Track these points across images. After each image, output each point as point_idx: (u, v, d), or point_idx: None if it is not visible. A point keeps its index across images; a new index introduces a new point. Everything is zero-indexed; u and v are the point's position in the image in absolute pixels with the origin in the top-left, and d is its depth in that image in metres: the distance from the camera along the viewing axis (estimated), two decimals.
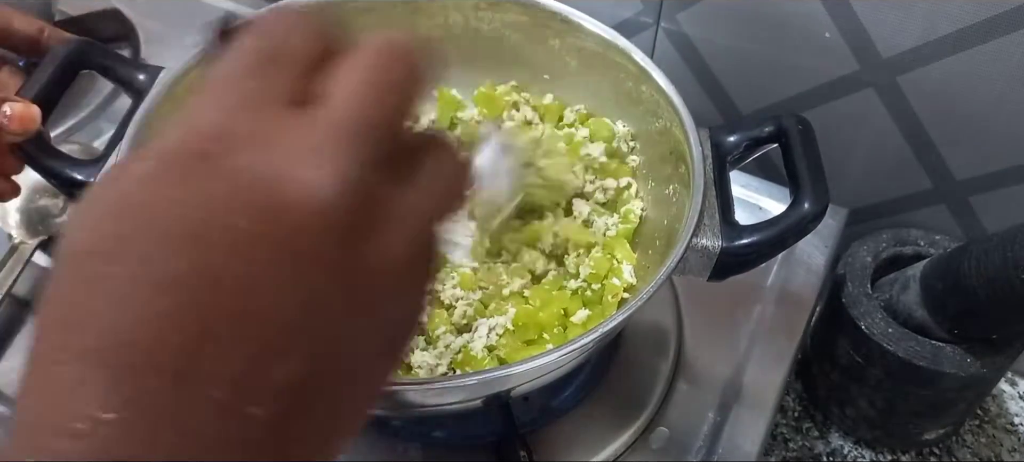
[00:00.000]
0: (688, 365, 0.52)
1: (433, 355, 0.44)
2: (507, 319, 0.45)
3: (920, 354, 0.49)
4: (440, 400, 0.39)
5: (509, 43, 0.54)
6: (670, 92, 0.46)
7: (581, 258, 0.47)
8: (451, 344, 0.44)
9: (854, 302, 0.51)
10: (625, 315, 0.37)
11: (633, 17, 0.61)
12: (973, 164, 0.55)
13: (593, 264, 0.46)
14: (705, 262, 0.41)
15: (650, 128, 0.49)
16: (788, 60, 0.57)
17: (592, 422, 0.49)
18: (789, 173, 0.42)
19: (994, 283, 0.43)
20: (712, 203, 0.42)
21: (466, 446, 0.48)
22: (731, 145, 0.45)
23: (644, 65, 0.48)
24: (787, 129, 0.43)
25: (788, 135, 0.43)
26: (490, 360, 0.44)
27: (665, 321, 0.54)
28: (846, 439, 0.58)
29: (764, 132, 0.44)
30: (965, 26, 0.49)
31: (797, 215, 0.40)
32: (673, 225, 0.44)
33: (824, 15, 0.53)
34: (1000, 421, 0.59)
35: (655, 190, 0.49)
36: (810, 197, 0.40)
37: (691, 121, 0.45)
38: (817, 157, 0.42)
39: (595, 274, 0.46)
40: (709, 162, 0.43)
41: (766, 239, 0.40)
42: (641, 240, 0.49)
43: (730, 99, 0.62)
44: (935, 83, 0.52)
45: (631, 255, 0.47)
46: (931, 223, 0.59)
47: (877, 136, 0.57)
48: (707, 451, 0.48)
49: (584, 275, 0.46)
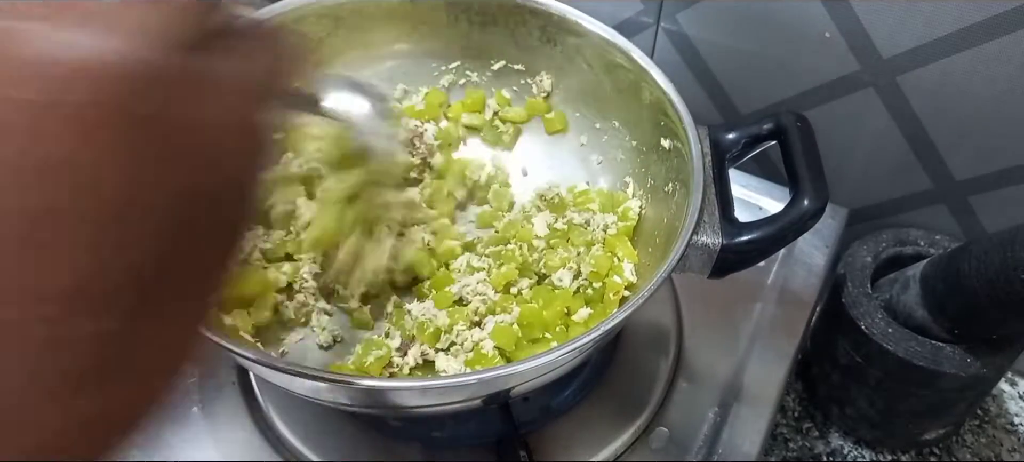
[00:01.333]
0: (688, 365, 0.52)
1: (457, 362, 0.44)
2: (512, 317, 0.45)
3: (920, 354, 0.49)
4: (441, 400, 0.39)
5: (510, 41, 0.54)
6: (669, 90, 0.46)
7: (581, 257, 0.47)
8: (466, 340, 0.45)
9: (854, 302, 0.51)
10: (625, 314, 0.37)
11: (633, 17, 0.61)
12: (973, 164, 0.55)
13: (594, 262, 0.46)
14: (705, 259, 0.41)
15: (649, 127, 0.49)
16: (788, 60, 0.57)
17: (592, 422, 0.49)
18: (788, 170, 0.42)
19: (994, 283, 0.43)
20: (712, 200, 0.42)
21: (466, 446, 0.48)
22: (730, 142, 0.45)
23: (643, 65, 0.48)
24: (786, 127, 0.43)
25: (787, 132, 0.43)
26: (499, 359, 0.44)
27: (665, 321, 0.54)
28: (846, 439, 0.58)
29: (763, 129, 0.45)
30: (965, 26, 0.49)
31: (797, 212, 0.40)
32: (673, 223, 0.44)
33: (824, 15, 0.53)
34: (1000, 421, 0.59)
35: (654, 188, 0.49)
36: (810, 194, 0.40)
37: (690, 119, 0.45)
38: (816, 154, 0.42)
39: (596, 273, 0.46)
40: (709, 160, 0.43)
41: (766, 235, 0.41)
42: (641, 239, 0.49)
43: (730, 99, 0.62)
44: (935, 83, 0.52)
45: (632, 253, 0.47)
46: (931, 223, 0.59)
47: (877, 136, 0.57)
48: (707, 451, 0.48)
49: (585, 273, 0.46)
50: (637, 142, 0.51)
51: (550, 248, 0.49)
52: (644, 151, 0.51)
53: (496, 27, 0.54)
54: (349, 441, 0.47)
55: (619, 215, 0.50)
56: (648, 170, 0.50)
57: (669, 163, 0.47)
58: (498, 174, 0.54)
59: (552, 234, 0.50)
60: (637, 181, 0.51)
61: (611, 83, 0.51)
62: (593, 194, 0.52)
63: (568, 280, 0.47)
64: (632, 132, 0.52)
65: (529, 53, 0.55)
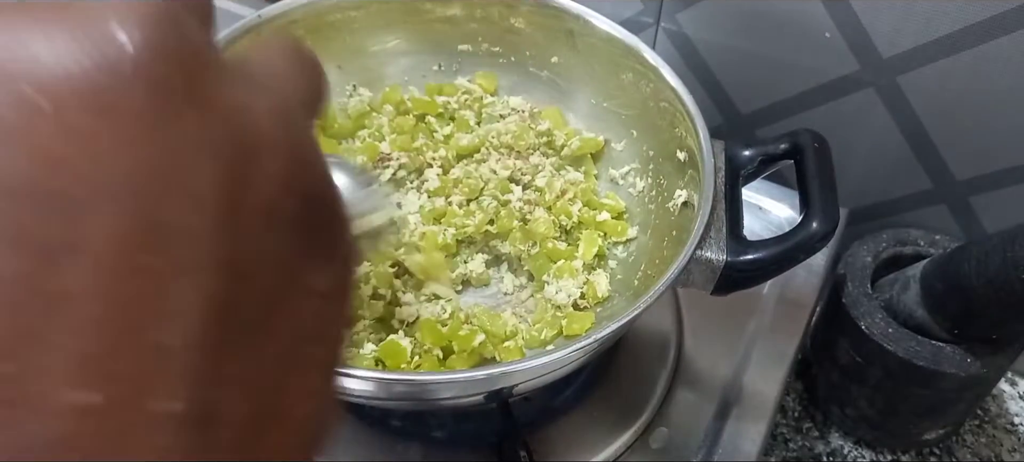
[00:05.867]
0: (688, 365, 0.52)
1: None
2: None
3: (920, 354, 0.49)
4: (439, 395, 0.40)
5: (518, 43, 0.55)
6: (689, 103, 0.46)
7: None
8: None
9: (854, 302, 0.51)
10: (627, 319, 0.37)
11: (633, 17, 0.61)
12: (973, 164, 0.55)
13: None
14: (709, 275, 0.41)
15: (664, 134, 0.50)
16: (788, 60, 0.57)
17: (592, 422, 0.49)
18: (801, 190, 0.42)
19: (994, 283, 0.43)
20: (720, 216, 0.42)
21: (466, 446, 0.48)
22: (745, 159, 0.44)
23: (668, 78, 0.48)
24: (803, 146, 0.43)
25: (803, 152, 0.43)
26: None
27: (665, 321, 0.54)
28: (846, 439, 0.58)
29: (779, 149, 0.44)
30: (965, 26, 0.49)
31: (805, 233, 0.40)
32: (681, 236, 0.44)
33: (824, 15, 0.53)
34: (1000, 421, 0.59)
35: (665, 199, 0.49)
36: (820, 216, 0.40)
37: (705, 131, 0.45)
38: (831, 176, 0.42)
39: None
40: (721, 174, 0.43)
41: (772, 256, 0.40)
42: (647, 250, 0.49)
43: (730, 99, 0.62)
44: (935, 83, 0.52)
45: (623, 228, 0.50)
46: (931, 223, 0.59)
47: (877, 136, 0.57)
48: (707, 451, 0.48)
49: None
50: (654, 152, 0.51)
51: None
52: (659, 160, 0.51)
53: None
54: (349, 441, 0.47)
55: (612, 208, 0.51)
56: (657, 177, 0.51)
57: (682, 173, 0.47)
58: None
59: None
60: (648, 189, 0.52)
61: (627, 89, 0.52)
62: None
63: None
64: (649, 142, 0.52)
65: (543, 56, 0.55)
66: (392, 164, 0.52)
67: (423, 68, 0.57)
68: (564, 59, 0.55)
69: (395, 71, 0.57)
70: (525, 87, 0.57)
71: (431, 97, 0.56)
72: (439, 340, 0.44)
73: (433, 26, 0.56)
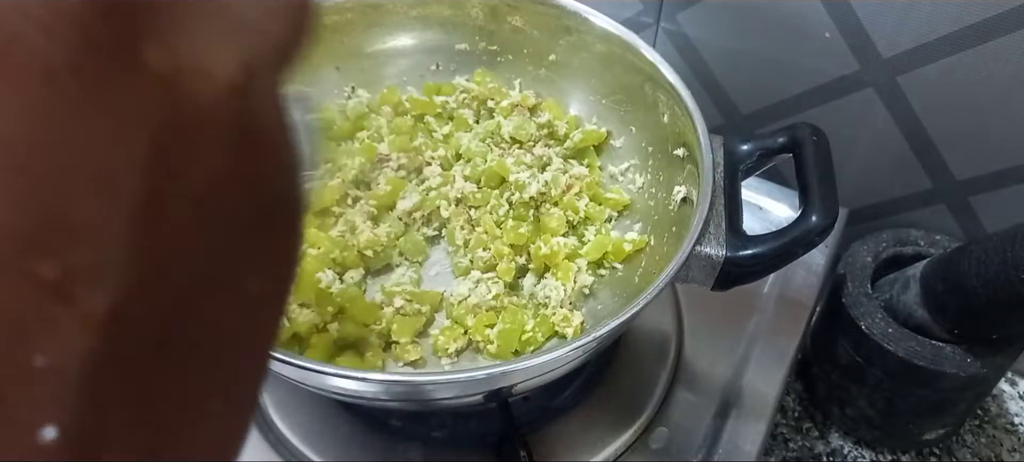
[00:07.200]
0: (688, 365, 0.52)
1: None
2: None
3: (920, 354, 0.49)
4: (439, 395, 0.39)
5: (517, 41, 0.55)
6: (687, 99, 0.46)
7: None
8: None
9: (854, 302, 0.51)
10: (627, 317, 0.37)
11: (633, 17, 0.61)
12: (973, 164, 0.55)
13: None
14: (708, 271, 0.41)
15: (662, 131, 0.50)
16: (788, 60, 0.57)
17: (592, 422, 0.48)
18: (800, 184, 0.42)
19: (994, 283, 0.43)
20: (719, 211, 0.41)
21: (466, 446, 0.48)
22: (744, 154, 0.44)
23: (665, 73, 0.48)
24: (801, 140, 0.43)
25: (802, 146, 0.43)
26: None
27: (665, 321, 0.54)
28: (846, 439, 0.58)
29: (777, 142, 0.44)
30: (965, 26, 0.49)
31: (804, 227, 0.40)
32: (680, 232, 0.44)
33: (824, 15, 0.53)
34: (1000, 421, 0.59)
35: (664, 194, 0.49)
36: (819, 210, 0.40)
37: (704, 126, 0.45)
38: (830, 170, 0.41)
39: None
40: (720, 170, 0.43)
41: (771, 251, 0.40)
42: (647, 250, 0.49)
43: (730, 99, 0.62)
44: (935, 83, 0.52)
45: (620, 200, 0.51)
46: (931, 223, 0.59)
47: (877, 136, 0.57)
48: (707, 451, 0.48)
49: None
50: (653, 148, 0.51)
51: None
52: (658, 156, 0.51)
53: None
54: (349, 441, 0.47)
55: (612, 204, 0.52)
56: (656, 173, 0.51)
57: (681, 169, 0.47)
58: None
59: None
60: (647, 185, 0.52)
61: (625, 87, 0.52)
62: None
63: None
64: (648, 138, 0.52)
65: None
66: (391, 164, 0.52)
67: (421, 68, 0.57)
68: (562, 57, 0.55)
69: (393, 72, 0.57)
70: (524, 85, 0.57)
71: (429, 97, 0.56)
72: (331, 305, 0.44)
73: (431, 26, 0.56)
